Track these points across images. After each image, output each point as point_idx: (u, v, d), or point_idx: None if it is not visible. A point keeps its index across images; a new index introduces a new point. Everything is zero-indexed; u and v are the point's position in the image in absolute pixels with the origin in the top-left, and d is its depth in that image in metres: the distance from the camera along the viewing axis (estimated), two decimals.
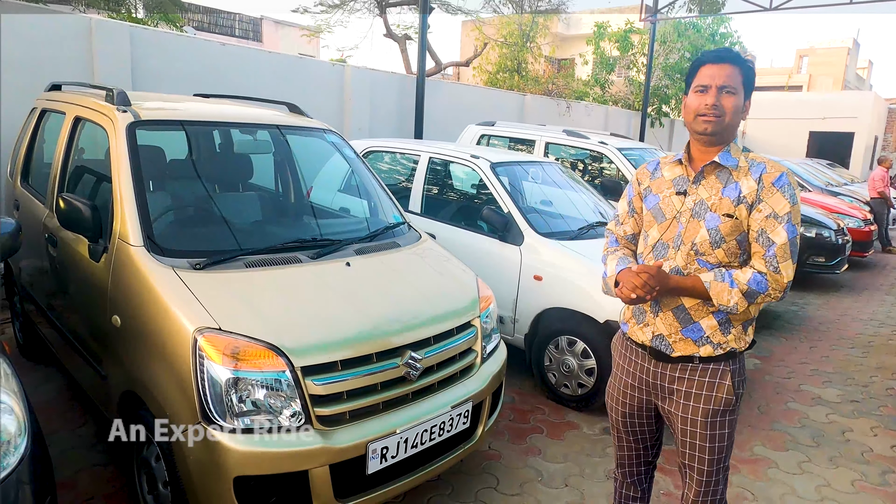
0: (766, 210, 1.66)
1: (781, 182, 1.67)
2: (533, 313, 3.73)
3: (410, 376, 2.24)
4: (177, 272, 2.16)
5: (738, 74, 1.68)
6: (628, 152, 6.05)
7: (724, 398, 1.75)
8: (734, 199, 1.69)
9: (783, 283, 1.66)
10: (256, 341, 1.97)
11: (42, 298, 3.22)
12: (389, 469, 2.17)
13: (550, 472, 2.94)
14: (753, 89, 1.73)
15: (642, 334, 1.84)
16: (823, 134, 20.65)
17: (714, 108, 1.67)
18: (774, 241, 1.65)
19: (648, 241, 1.85)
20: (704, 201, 1.73)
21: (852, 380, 4.42)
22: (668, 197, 1.82)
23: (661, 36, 15.03)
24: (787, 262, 1.65)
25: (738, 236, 1.70)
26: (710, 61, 1.70)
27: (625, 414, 1.96)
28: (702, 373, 1.76)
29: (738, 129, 1.76)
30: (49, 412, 3.21)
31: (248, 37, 27.95)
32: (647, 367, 1.85)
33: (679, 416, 1.80)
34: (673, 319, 1.77)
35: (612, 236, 2.02)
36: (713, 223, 1.70)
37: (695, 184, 1.77)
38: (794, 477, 3.04)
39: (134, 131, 2.58)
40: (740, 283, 1.66)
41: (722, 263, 1.72)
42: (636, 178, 1.95)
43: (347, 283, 2.42)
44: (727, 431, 1.79)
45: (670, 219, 1.79)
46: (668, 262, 1.76)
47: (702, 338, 1.74)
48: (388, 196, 3.28)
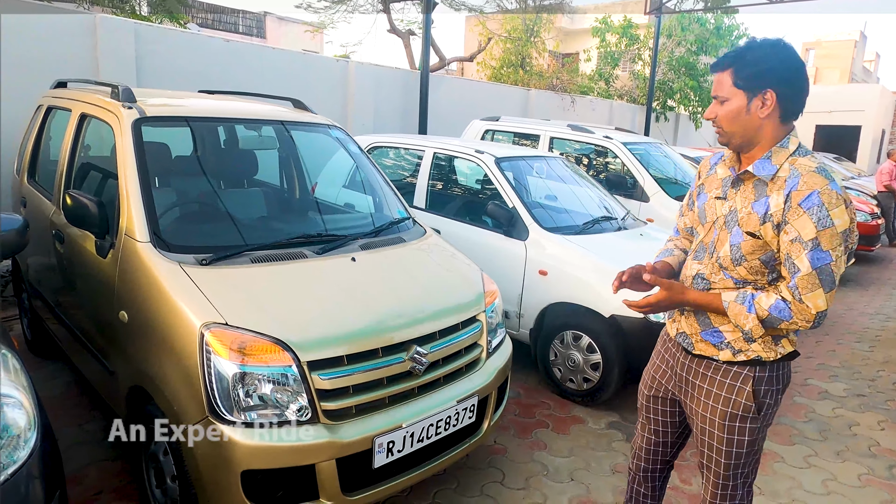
0: (792, 233, 1.51)
1: (811, 202, 1.47)
2: (538, 308, 3.73)
3: (416, 371, 2.25)
4: (183, 268, 2.17)
5: (728, 78, 1.57)
6: (633, 147, 6.03)
7: (742, 403, 1.67)
8: (761, 216, 1.56)
9: (810, 314, 1.51)
10: (263, 336, 1.98)
11: (49, 295, 3.24)
12: (396, 463, 2.18)
13: (556, 467, 2.95)
14: (760, 79, 1.53)
15: (671, 328, 1.86)
16: (830, 128, 20.53)
17: (712, 121, 1.64)
18: (799, 269, 1.51)
19: (696, 239, 1.79)
20: (737, 212, 1.63)
21: (859, 374, 4.41)
22: (712, 199, 1.73)
23: (667, 29, 14.95)
24: (813, 293, 1.50)
25: (762, 256, 1.58)
26: (712, 72, 1.65)
27: (650, 398, 1.96)
28: (724, 374, 1.70)
29: (756, 129, 1.57)
30: (57, 407, 3.23)
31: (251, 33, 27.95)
32: (677, 356, 1.84)
33: (699, 413, 1.76)
34: (694, 321, 1.75)
35: (675, 226, 2.00)
36: (736, 239, 1.61)
37: (734, 188, 1.66)
38: (801, 471, 3.03)
39: (139, 128, 2.59)
40: (760, 310, 1.56)
41: (747, 280, 1.63)
42: (699, 171, 1.87)
43: (352, 278, 2.43)
44: (747, 439, 1.70)
45: (710, 222, 1.72)
46: (700, 266, 1.72)
47: (722, 343, 1.69)
48: (392, 191, 3.28)
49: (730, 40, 15.09)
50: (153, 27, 5.90)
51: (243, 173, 3.29)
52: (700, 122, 15.72)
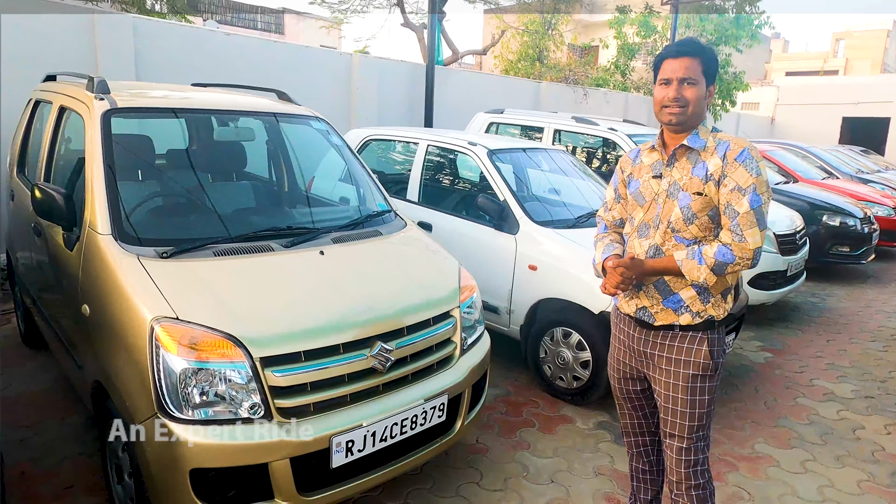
0: (731, 184, 1.77)
1: (743, 157, 1.77)
2: (528, 304, 3.63)
3: (380, 368, 2.18)
4: (141, 261, 2.13)
5: (697, 65, 1.79)
6: (639, 139, 5.86)
7: (701, 363, 1.88)
8: (703, 178, 1.82)
9: (749, 250, 1.76)
10: (214, 331, 1.92)
11: (33, 288, 3.25)
12: (356, 463, 2.11)
13: (537, 468, 2.85)
14: (716, 75, 1.86)
15: (628, 306, 1.99)
16: (857, 119, 19.87)
17: (676, 100, 1.80)
18: (738, 212, 1.76)
19: (634, 223, 1.98)
20: (677, 182, 1.87)
21: (869, 375, 4.21)
22: (647, 181, 1.96)
23: (685, 20, 14.60)
24: (752, 230, 1.75)
25: (709, 212, 1.82)
26: (670, 56, 1.82)
27: (619, 380, 2.12)
28: (681, 339, 1.89)
29: (703, 113, 1.86)
30: (43, 400, 3.25)
31: (270, 30, 28.18)
32: (634, 335, 2.00)
33: (662, 381, 1.93)
34: (655, 292, 1.90)
35: (602, 223, 2.18)
36: (685, 201, 1.83)
37: (668, 166, 1.91)
38: (796, 476, 2.89)
39: (109, 119, 2.56)
40: (707, 258, 1.78)
41: (697, 238, 1.84)
42: (620, 167, 2.09)
43: (319, 273, 2.36)
44: (707, 398, 1.90)
45: (650, 201, 1.93)
46: (649, 241, 1.90)
47: (681, 307, 1.87)
48: (374, 183, 3.20)
49: (749, 30, 14.68)
50: (152, 21, 5.91)
51: (220, 166, 3.24)
52: (719, 115, 15.35)
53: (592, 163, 6.31)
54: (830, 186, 8.24)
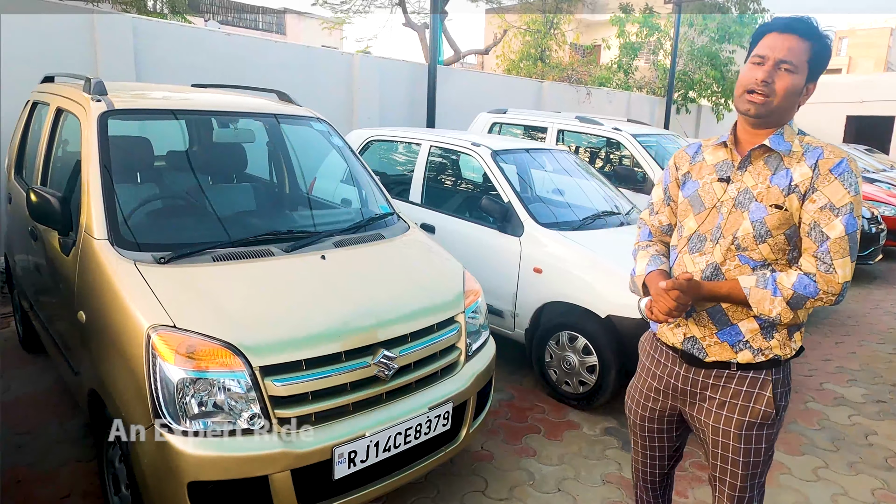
0: (822, 200, 1.45)
1: (841, 169, 1.45)
2: (533, 307, 3.57)
3: (383, 376, 2.12)
4: (138, 266, 2.07)
5: (805, 50, 1.45)
6: (644, 139, 5.80)
7: (762, 410, 1.57)
8: (784, 188, 1.49)
9: (838, 284, 1.45)
10: (212, 339, 1.87)
11: (30, 291, 3.20)
12: (359, 474, 2.05)
13: (543, 475, 2.80)
14: (823, 71, 1.50)
15: (673, 336, 1.66)
16: (862, 118, 19.76)
17: (764, 84, 1.46)
18: (829, 236, 1.44)
19: (684, 232, 1.66)
20: (750, 190, 1.53)
21: (880, 378, 4.15)
22: (708, 184, 1.62)
23: (688, 18, 14.51)
24: (843, 260, 1.44)
25: (787, 230, 1.50)
26: (776, 29, 1.48)
27: (644, 418, 1.81)
28: (739, 381, 1.58)
29: (792, 113, 1.53)
30: (41, 404, 3.21)
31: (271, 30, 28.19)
32: (677, 370, 1.68)
33: (710, 425, 1.63)
34: (708, 321, 1.59)
35: (646, 228, 1.84)
36: (758, 214, 1.50)
37: (740, 170, 1.56)
38: (809, 484, 2.83)
39: (105, 121, 2.50)
40: (784, 289, 1.46)
41: (767, 261, 1.52)
42: (673, 163, 1.76)
43: (320, 278, 2.30)
44: (764, 446, 1.61)
45: (710, 208, 1.60)
46: (705, 258, 1.58)
47: (740, 342, 1.56)
48: (376, 185, 3.15)
49: (754, 27, 14.58)
50: (152, 22, 5.87)
51: (219, 168, 3.19)
52: (722, 115, 15.26)
53: (595, 163, 6.25)
54: None
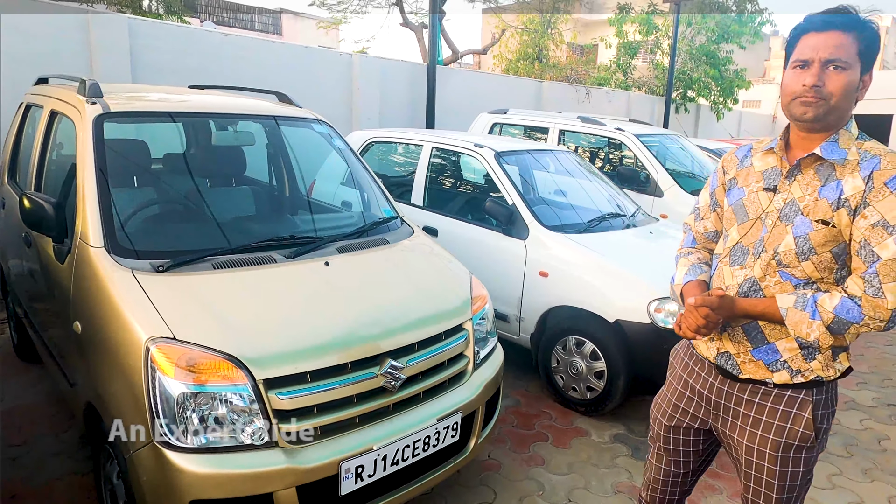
0: (874, 217, 1.31)
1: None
2: (539, 312, 3.51)
3: (390, 387, 2.05)
4: (136, 275, 2.00)
5: (852, 43, 1.32)
6: (647, 139, 5.75)
7: (800, 432, 1.45)
8: (833, 202, 1.36)
9: (886, 311, 1.31)
10: (214, 352, 1.79)
11: (24, 299, 3.12)
12: (366, 489, 1.98)
13: (553, 485, 2.73)
14: (875, 59, 1.37)
15: (706, 349, 1.58)
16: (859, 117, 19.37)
17: (815, 88, 1.33)
18: (880, 256, 1.30)
19: (727, 242, 1.55)
20: (796, 201, 1.41)
21: (889, 381, 4.09)
22: (754, 192, 1.50)
23: (686, 17, 14.47)
24: (894, 284, 1.30)
25: (834, 248, 1.37)
26: (814, 28, 1.35)
27: (669, 429, 1.70)
28: (776, 399, 1.47)
29: (850, 111, 1.40)
30: (36, 415, 3.12)
31: (267, 30, 28.04)
32: (711, 381, 1.58)
33: (744, 444, 1.52)
34: (742, 337, 1.49)
35: (690, 233, 1.74)
36: (803, 230, 1.39)
37: (788, 179, 1.44)
38: (824, 492, 2.77)
39: (101, 124, 2.43)
40: (824, 312, 1.34)
41: (811, 279, 1.40)
42: (721, 166, 1.65)
43: (324, 285, 2.23)
44: (802, 470, 1.49)
45: (754, 219, 1.49)
46: (745, 272, 1.48)
47: (777, 361, 1.45)
48: (379, 188, 3.07)
49: (752, 27, 14.56)
50: (147, 22, 5.79)
51: (218, 171, 3.11)
52: (721, 114, 15.23)
53: (595, 163, 6.19)
54: None
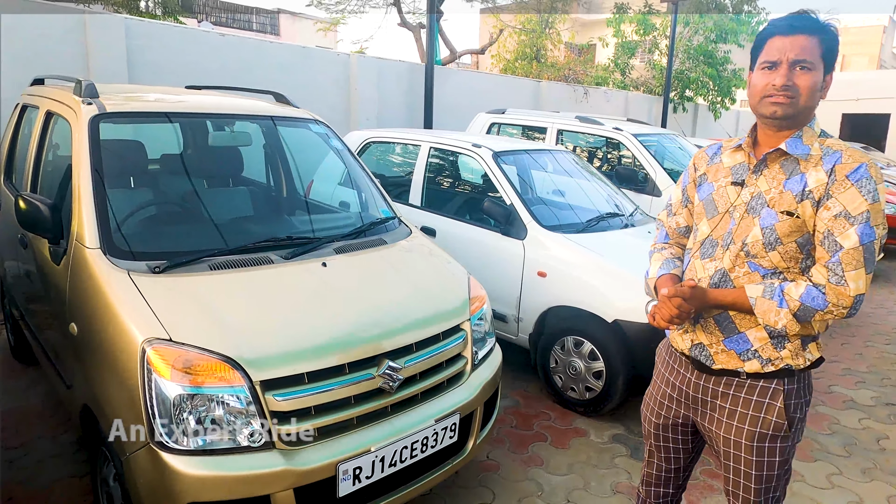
0: (836, 208, 1.38)
1: (859, 174, 1.38)
2: (537, 312, 3.50)
3: (388, 388, 2.04)
4: (132, 276, 1.99)
5: (816, 46, 1.41)
6: (645, 138, 5.74)
7: (773, 421, 1.51)
8: (797, 194, 1.43)
9: (848, 297, 1.37)
10: (210, 353, 1.78)
11: (20, 300, 3.11)
12: (364, 490, 1.97)
13: (552, 486, 2.72)
14: (836, 60, 1.46)
15: (682, 341, 1.64)
16: (857, 116, 19.78)
17: (785, 88, 1.41)
18: (842, 245, 1.37)
19: (698, 236, 1.63)
20: (763, 194, 1.49)
21: (888, 380, 4.09)
22: (723, 187, 1.58)
23: (684, 17, 14.48)
24: (856, 272, 1.37)
25: (798, 238, 1.44)
26: (780, 32, 1.43)
27: (658, 426, 1.77)
28: (749, 390, 1.53)
29: (814, 110, 1.48)
30: (33, 417, 3.11)
31: (265, 31, 28.00)
32: (688, 377, 1.64)
33: (722, 436, 1.59)
34: (714, 328, 1.55)
35: (663, 229, 1.82)
36: (769, 221, 1.46)
37: (755, 174, 1.52)
38: (823, 492, 2.76)
39: (97, 124, 2.42)
40: (790, 300, 1.41)
41: (778, 269, 1.47)
42: (693, 163, 1.74)
43: (321, 286, 2.22)
44: (778, 459, 1.55)
45: (723, 212, 1.56)
46: (714, 264, 1.54)
47: (748, 351, 1.51)
48: (377, 189, 3.07)
49: (749, 26, 14.57)
50: (144, 22, 5.77)
51: (215, 172, 3.10)
52: (719, 113, 15.24)
53: (594, 162, 6.19)
54: None
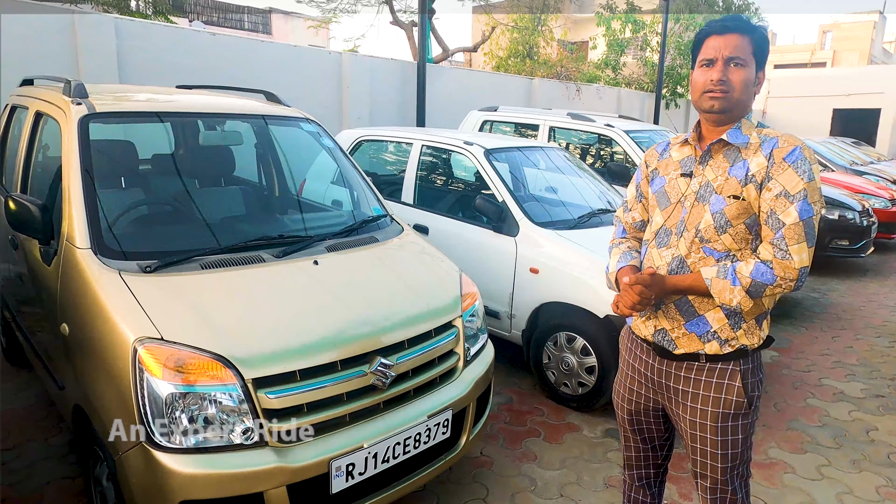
0: (777, 188, 1.50)
1: (794, 157, 1.50)
2: (530, 308, 3.52)
3: (381, 384, 2.05)
4: (123, 276, 1.99)
5: (747, 44, 1.53)
6: (637, 135, 5.76)
7: (734, 401, 1.61)
8: (741, 179, 1.54)
9: (794, 269, 1.48)
10: (202, 352, 1.79)
11: (12, 303, 3.10)
12: (357, 487, 1.98)
13: (545, 481, 2.74)
14: (767, 59, 1.58)
15: (645, 328, 1.72)
16: (848, 111, 19.88)
17: (721, 83, 1.53)
18: (784, 222, 1.49)
19: (653, 227, 1.73)
20: (710, 183, 1.60)
21: (878, 372, 4.13)
22: (673, 179, 1.69)
23: (675, 13, 14.52)
24: (798, 245, 1.48)
25: (746, 220, 1.55)
26: (715, 32, 1.55)
27: (630, 412, 1.85)
28: (709, 373, 1.63)
29: (751, 103, 1.60)
30: (25, 419, 3.10)
31: (257, 30, 27.91)
32: (652, 363, 1.73)
33: (687, 419, 1.68)
34: (676, 313, 1.64)
35: (620, 225, 1.91)
36: (718, 206, 1.56)
37: (701, 164, 1.63)
38: (813, 483, 2.79)
39: (87, 124, 2.41)
40: (742, 278, 1.51)
41: (730, 251, 1.57)
42: (644, 160, 1.84)
43: (313, 284, 2.23)
44: (741, 437, 1.65)
45: (674, 203, 1.67)
46: (671, 251, 1.64)
47: (707, 332, 1.61)
48: (369, 187, 3.07)
49: None
50: (134, 22, 5.75)
51: (207, 171, 3.10)
52: None
53: (586, 159, 6.21)
54: (826, 179, 8.18)
